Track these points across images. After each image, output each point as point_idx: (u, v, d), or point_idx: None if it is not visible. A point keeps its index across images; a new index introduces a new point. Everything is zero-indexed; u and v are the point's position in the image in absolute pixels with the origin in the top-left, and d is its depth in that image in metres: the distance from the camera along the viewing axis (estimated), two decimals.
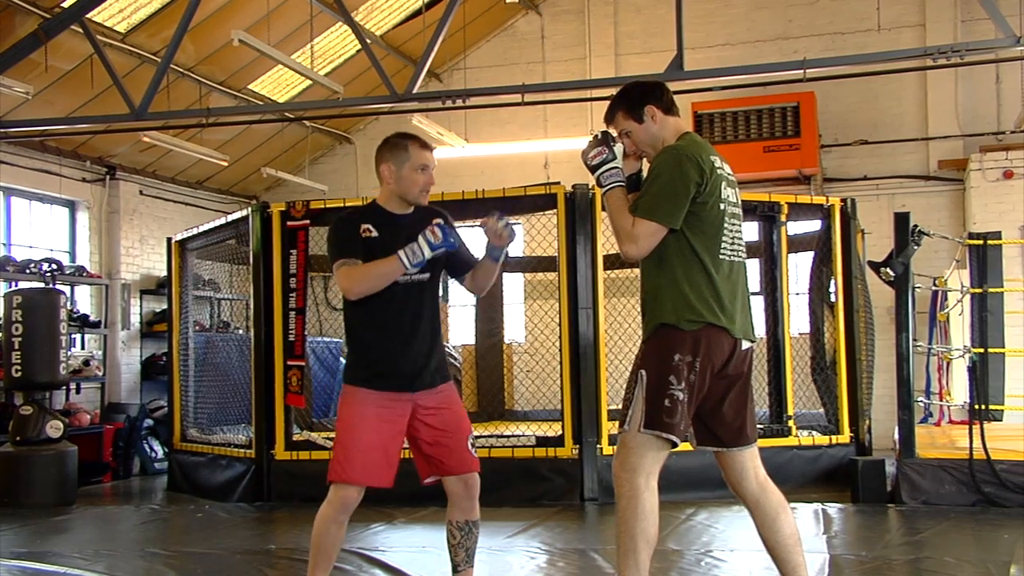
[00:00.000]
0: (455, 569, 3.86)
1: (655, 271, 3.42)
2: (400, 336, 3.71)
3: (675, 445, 3.33)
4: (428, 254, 3.62)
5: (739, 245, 3.50)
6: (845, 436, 7.63)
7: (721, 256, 3.40)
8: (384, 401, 3.69)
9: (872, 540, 5.50)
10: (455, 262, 3.90)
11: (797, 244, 8.47)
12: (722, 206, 3.41)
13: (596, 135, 3.56)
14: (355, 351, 3.82)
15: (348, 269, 3.66)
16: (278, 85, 11.50)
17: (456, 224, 3.84)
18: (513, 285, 11.58)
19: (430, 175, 3.79)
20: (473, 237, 4.51)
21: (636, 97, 3.56)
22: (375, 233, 3.71)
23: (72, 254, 10.65)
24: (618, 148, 3.52)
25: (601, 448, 7.03)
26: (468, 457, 3.78)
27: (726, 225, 3.43)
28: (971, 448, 6.43)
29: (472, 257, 3.95)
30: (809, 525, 5.91)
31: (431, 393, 3.76)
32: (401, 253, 3.61)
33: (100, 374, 10.19)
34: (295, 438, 7.59)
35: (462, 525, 3.81)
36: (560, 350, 7.19)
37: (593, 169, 3.52)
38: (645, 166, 3.63)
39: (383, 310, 3.71)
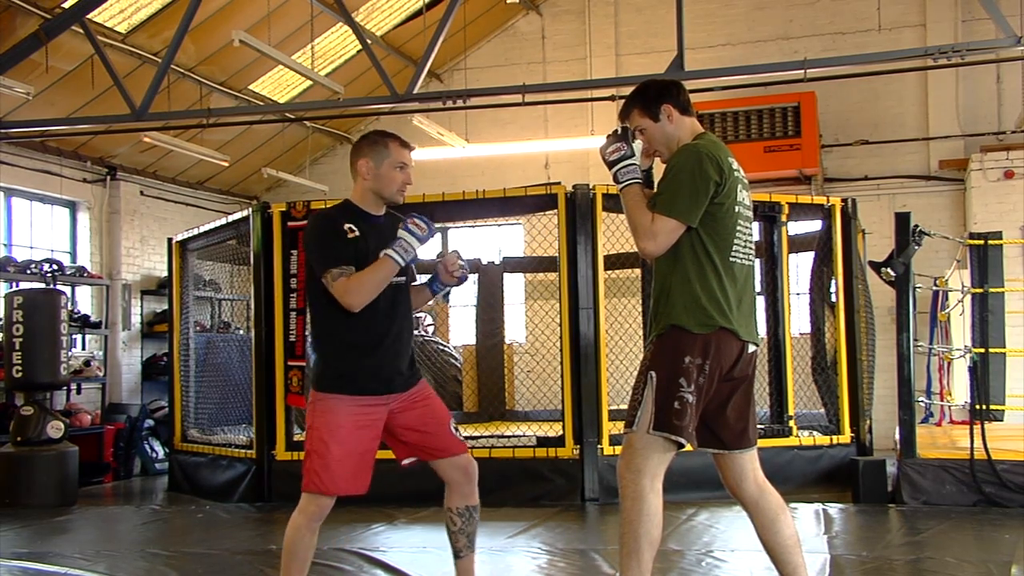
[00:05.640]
0: (457, 555, 3.83)
1: (667, 270, 3.41)
2: (375, 340, 3.65)
3: (682, 447, 3.33)
4: (418, 247, 3.59)
5: (750, 248, 3.51)
6: (846, 436, 7.63)
7: (732, 259, 3.40)
8: (358, 408, 3.61)
9: (873, 540, 5.50)
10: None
11: (798, 244, 8.46)
12: (737, 208, 3.42)
13: (615, 130, 3.54)
14: (327, 356, 3.68)
15: (347, 281, 3.54)
16: (279, 85, 11.50)
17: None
18: (514, 285, 11.58)
19: (408, 174, 3.75)
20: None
21: (653, 95, 3.54)
22: (358, 232, 3.63)
23: (73, 254, 10.65)
24: (636, 145, 3.50)
25: (602, 448, 7.03)
26: (454, 440, 3.76)
27: (739, 228, 3.43)
28: (972, 448, 6.42)
29: (414, 275, 3.89)
30: (810, 525, 5.91)
31: (405, 394, 3.73)
32: (391, 252, 3.56)
33: (101, 374, 10.20)
34: (296, 438, 7.58)
35: (462, 511, 3.79)
36: (561, 350, 7.19)
37: (611, 165, 3.50)
38: (657, 165, 3.63)
39: (359, 315, 3.60)
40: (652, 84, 3.64)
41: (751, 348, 3.45)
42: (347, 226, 3.64)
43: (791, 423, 7.58)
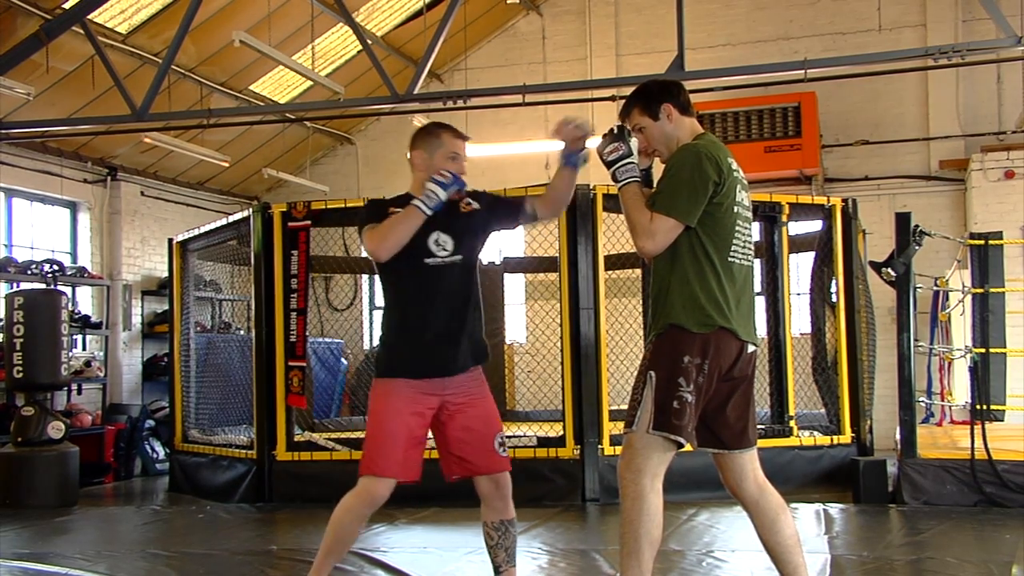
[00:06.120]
0: (497, 570, 3.81)
1: (666, 270, 3.41)
2: (434, 321, 3.66)
3: (681, 447, 3.33)
4: (443, 194, 3.56)
5: (749, 249, 3.51)
6: (846, 436, 7.63)
7: (731, 259, 3.40)
8: (416, 393, 3.65)
9: (873, 540, 5.50)
10: (503, 211, 3.84)
11: (798, 244, 8.47)
12: (736, 208, 3.42)
13: (611, 129, 3.54)
14: (385, 343, 3.76)
15: (372, 230, 3.62)
16: (279, 86, 11.50)
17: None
18: (514, 285, 11.58)
19: (461, 164, 3.74)
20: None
21: (653, 94, 3.55)
22: None
23: (73, 255, 10.65)
24: (633, 143, 3.50)
25: (602, 448, 7.03)
26: (496, 458, 3.75)
27: (738, 228, 3.43)
28: (972, 448, 6.42)
29: (519, 198, 3.88)
30: (810, 525, 5.91)
31: (462, 381, 3.72)
32: (415, 201, 3.57)
33: (101, 375, 10.20)
34: (296, 439, 7.60)
35: (497, 525, 3.78)
36: (561, 350, 7.19)
37: (609, 164, 3.50)
38: (656, 165, 3.63)
39: (415, 295, 3.66)
40: (653, 83, 3.65)
41: (750, 348, 3.46)
42: (393, 210, 3.67)
43: (792, 423, 7.58)
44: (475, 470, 3.74)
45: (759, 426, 3.93)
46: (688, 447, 3.43)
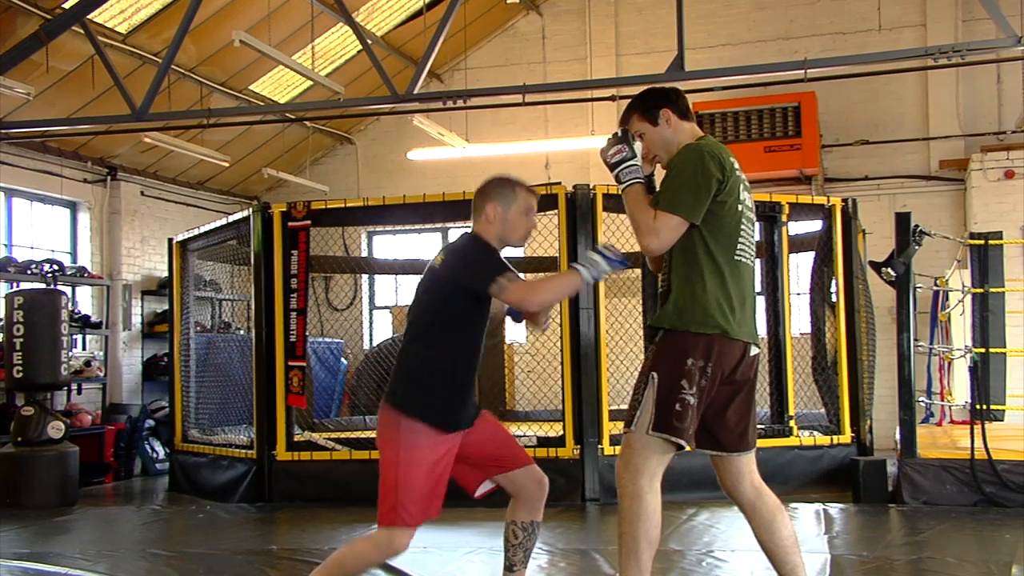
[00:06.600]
0: (509, 568, 3.78)
1: (671, 270, 3.42)
2: (471, 372, 3.61)
3: (681, 449, 3.33)
4: (608, 270, 3.46)
5: (752, 249, 3.52)
6: (846, 436, 7.63)
7: (737, 258, 3.41)
8: (441, 439, 3.50)
9: (873, 540, 5.50)
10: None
11: (798, 244, 8.47)
12: (739, 208, 3.42)
13: (615, 133, 3.56)
14: (430, 383, 3.53)
15: (525, 284, 3.46)
16: (279, 86, 11.50)
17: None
18: None
19: (533, 220, 3.72)
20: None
21: (652, 100, 3.58)
22: None
23: (73, 255, 10.65)
24: (637, 146, 3.51)
25: (602, 449, 7.03)
26: (524, 451, 3.74)
27: (742, 228, 3.44)
28: (972, 448, 6.43)
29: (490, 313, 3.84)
30: (810, 525, 5.91)
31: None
32: (580, 267, 3.46)
33: (101, 375, 10.19)
34: (296, 439, 7.60)
35: (527, 525, 3.73)
36: (561, 350, 7.20)
37: (612, 167, 3.50)
38: (657, 172, 3.64)
39: (471, 348, 3.59)
40: (652, 90, 3.68)
41: (753, 351, 3.46)
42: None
43: (791, 423, 7.58)
44: (510, 464, 3.69)
45: (759, 426, 3.92)
46: (688, 448, 3.43)
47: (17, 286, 8.97)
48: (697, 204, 3.33)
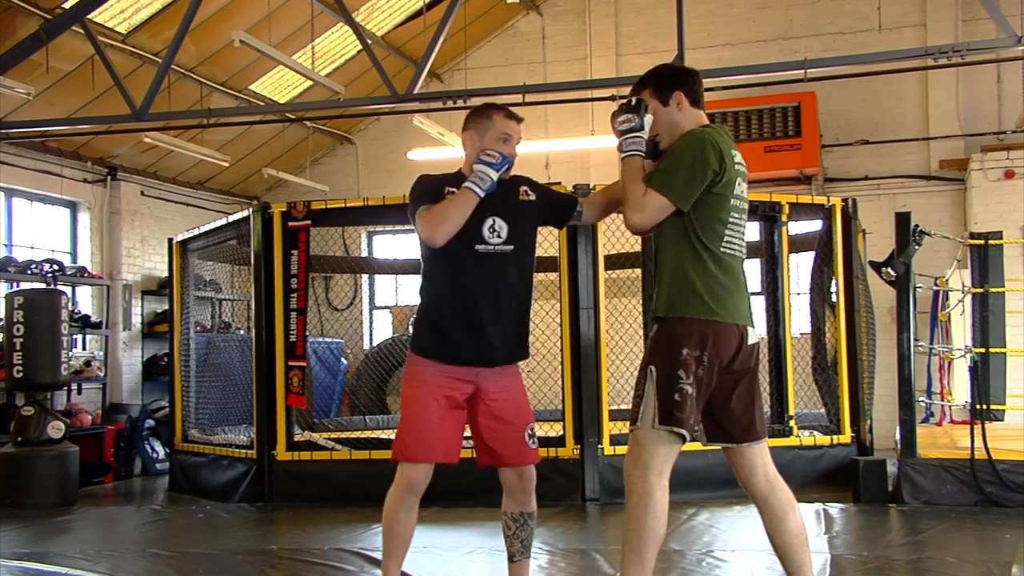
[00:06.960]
0: (511, 559, 3.82)
1: (662, 260, 3.43)
2: (473, 310, 3.60)
3: (685, 440, 3.33)
4: (494, 175, 3.54)
5: (743, 243, 3.50)
6: (846, 436, 7.63)
7: (724, 250, 3.40)
8: (447, 378, 3.61)
9: (873, 540, 5.50)
10: (556, 206, 3.81)
11: (798, 244, 8.46)
12: (734, 200, 3.41)
13: (629, 101, 3.53)
14: (425, 320, 3.70)
15: (427, 212, 3.55)
16: (279, 86, 11.50)
17: None
18: None
19: (512, 146, 3.70)
20: None
21: (667, 78, 3.55)
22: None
23: (73, 255, 10.65)
24: (647, 119, 3.49)
25: (602, 448, 7.03)
26: (525, 450, 3.75)
27: (732, 220, 3.42)
28: (972, 448, 6.42)
29: (571, 197, 3.89)
30: (810, 525, 5.89)
31: (498, 374, 3.68)
32: (467, 184, 3.53)
33: (101, 375, 10.19)
34: (296, 439, 7.59)
35: (516, 516, 3.79)
36: (561, 350, 7.19)
37: (619, 134, 3.49)
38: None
39: (460, 280, 3.61)
40: (669, 68, 3.67)
41: (751, 339, 3.43)
42: (449, 188, 3.64)
43: (791, 423, 7.58)
44: (503, 461, 3.73)
45: None
46: (695, 444, 3.42)
47: (17, 286, 8.97)
48: (688, 191, 3.32)
